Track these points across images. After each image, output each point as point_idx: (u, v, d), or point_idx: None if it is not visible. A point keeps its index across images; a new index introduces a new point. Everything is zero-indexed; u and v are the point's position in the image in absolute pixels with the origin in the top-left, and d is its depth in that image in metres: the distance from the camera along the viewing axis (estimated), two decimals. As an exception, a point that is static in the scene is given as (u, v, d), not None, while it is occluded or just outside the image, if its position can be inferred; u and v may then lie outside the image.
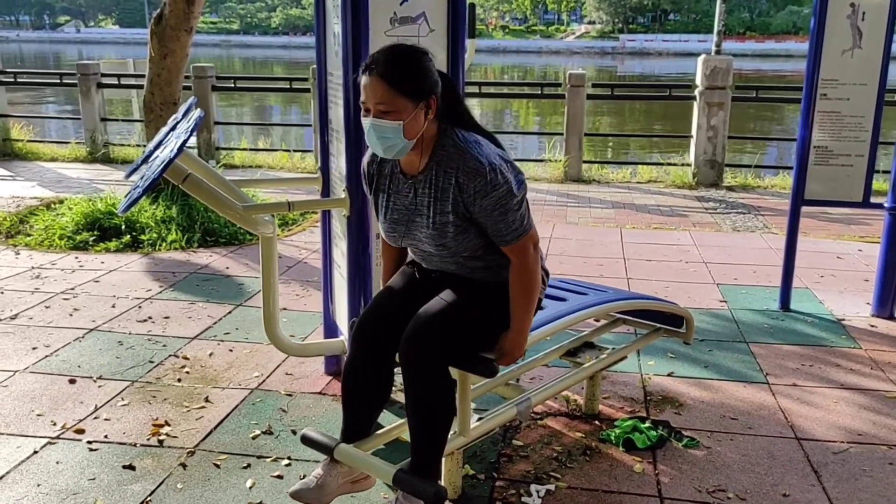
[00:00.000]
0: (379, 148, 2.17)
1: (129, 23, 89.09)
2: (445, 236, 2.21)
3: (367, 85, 2.12)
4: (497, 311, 2.29)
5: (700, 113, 8.42)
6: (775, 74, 37.41)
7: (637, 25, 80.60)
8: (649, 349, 3.75)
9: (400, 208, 2.30)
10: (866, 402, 3.29)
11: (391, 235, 2.37)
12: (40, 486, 2.61)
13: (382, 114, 2.10)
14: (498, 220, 2.15)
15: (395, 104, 2.08)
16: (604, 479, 2.68)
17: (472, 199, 2.14)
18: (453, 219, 2.19)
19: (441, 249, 2.26)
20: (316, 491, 2.27)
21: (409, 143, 2.14)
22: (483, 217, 2.16)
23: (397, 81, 2.08)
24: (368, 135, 2.16)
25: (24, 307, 4.36)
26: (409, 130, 2.12)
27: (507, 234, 2.17)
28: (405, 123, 2.10)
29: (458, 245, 2.23)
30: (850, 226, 6.55)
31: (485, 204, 2.13)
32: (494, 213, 2.14)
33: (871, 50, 4.11)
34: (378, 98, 2.09)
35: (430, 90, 2.13)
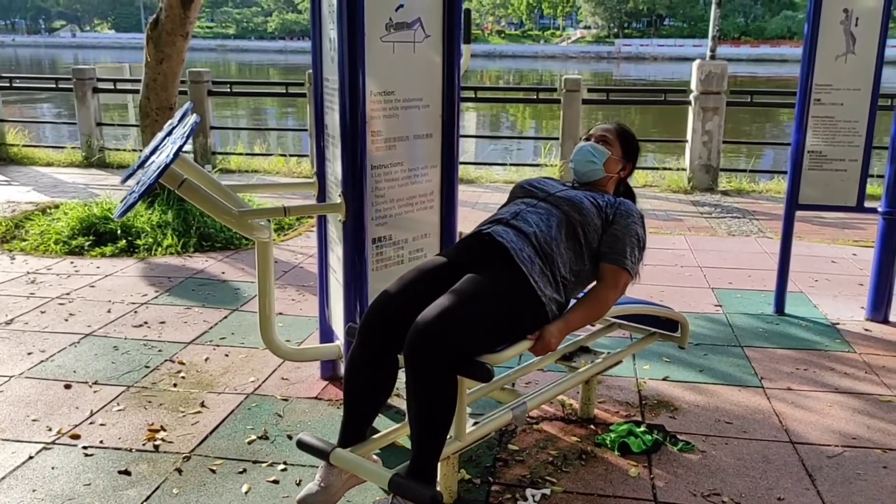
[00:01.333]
0: (582, 160, 2.76)
1: (125, 27, 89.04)
2: (585, 206, 2.55)
3: (600, 125, 2.87)
4: (507, 312, 2.29)
5: (695, 117, 8.45)
6: (770, 79, 37.52)
7: (632, 30, 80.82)
8: (644, 353, 3.76)
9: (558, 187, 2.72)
10: (861, 406, 3.31)
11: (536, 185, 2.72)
12: (35, 491, 2.61)
13: (601, 142, 2.79)
14: (619, 236, 2.56)
15: (613, 142, 2.80)
16: (599, 484, 2.68)
17: (619, 217, 2.59)
18: (598, 206, 2.59)
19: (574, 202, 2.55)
20: (322, 493, 2.28)
21: (601, 171, 2.76)
22: (614, 230, 2.57)
23: (622, 134, 2.83)
24: (580, 151, 2.78)
25: (20, 312, 4.36)
26: (609, 164, 2.77)
27: (616, 254, 2.54)
28: (610, 157, 2.77)
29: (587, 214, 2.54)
30: (845, 230, 6.58)
31: (623, 223, 2.58)
32: (621, 230, 2.56)
33: (865, 55, 4.13)
34: (604, 132, 2.82)
35: (633, 158, 2.86)
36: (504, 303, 2.30)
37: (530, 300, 2.37)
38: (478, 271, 2.35)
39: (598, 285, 2.55)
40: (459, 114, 3.16)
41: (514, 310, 2.33)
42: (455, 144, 3.12)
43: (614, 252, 2.54)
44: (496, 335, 2.30)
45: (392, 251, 3.07)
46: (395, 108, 2.94)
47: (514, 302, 2.33)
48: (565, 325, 2.43)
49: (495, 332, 2.29)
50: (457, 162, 3.19)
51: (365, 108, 2.83)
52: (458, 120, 3.12)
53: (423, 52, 2.95)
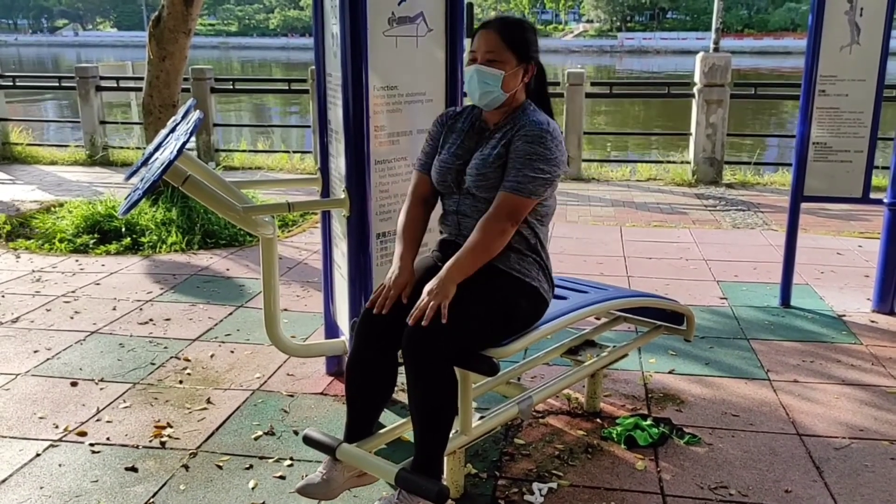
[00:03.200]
0: (476, 92, 2.36)
1: (127, 26, 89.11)
2: (488, 166, 2.34)
3: (481, 36, 2.37)
4: (502, 304, 2.29)
5: (699, 110, 8.43)
6: (774, 71, 37.40)
7: (635, 24, 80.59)
8: (650, 347, 3.75)
9: (466, 147, 2.45)
10: (867, 398, 3.30)
11: (444, 167, 2.45)
12: (43, 488, 2.62)
13: (489, 62, 2.34)
14: (517, 165, 2.28)
15: (503, 56, 2.34)
16: (606, 477, 2.68)
17: (518, 138, 2.31)
18: (499, 151, 2.34)
19: (479, 181, 2.34)
20: (322, 486, 2.28)
21: (502, 95, 2.36)
22: (512, 157, 2.30)
23: (509, 37, 2.35)
24: (470, 80, 2.36)
25: (26, 310, 4.37)
26: (506, 83, 2.34)
27: (510, 181, 2.28)
28: (506, 75, 2.33)
29: (495, 180, 2.32)
30: (850, 222, 6.55)
31: (521, 147, 2.29)
32: (520, 158, 2.29)
33: (870, 45, 4.11)
34: (489, 47, 2.35)
35: (531, 56, 2.40)
36: (498, 295, 2.30)
37: (523, 288, 2.37)
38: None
39: (484, 217, 2.30)
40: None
41: (508, 300, 2.32)
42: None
43: (509, 178, 2.29)
44: (496, 327, 2.30)
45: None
46: (399, 103, 2.93)
47: (508, 293, 2.32)
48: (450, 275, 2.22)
49: (494, 324, 2.29)
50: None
51: (368, 103, 2.82)
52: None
53: (425, 46, 2.94)
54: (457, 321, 2.18)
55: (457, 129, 2.51)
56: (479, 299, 2.24)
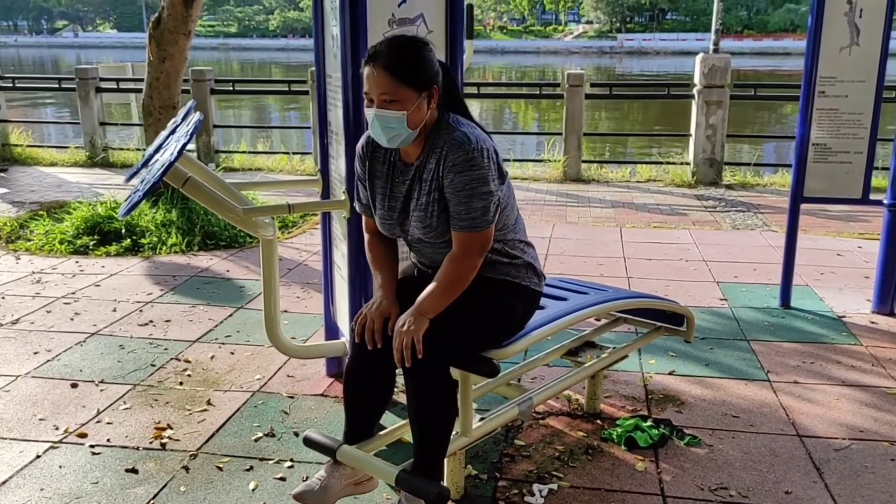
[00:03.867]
0: (383, 138, 2.18)
1: (127, 27, 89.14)
2: (431, 216, 2.21)
3: (370, 76, 2.14)
4: (495, 308, 2.29)
5: (699, 111, 8.43)
6: (773, 72, 37.41)
7: (635, 25, 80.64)
8: (650, 348, 3.75)
9: (397, 196, 2.31)
10: (867, 399, 3.30)
11: (386, 223, 2.36)
12: (43, 490, 2.62)
13: (386, 104, 2.12)
14: (462, 200, 2.14)
15: (399, 94, 2.12)
16: (606, 478, 2.68)
17: (448, 171, 2.14)
18: (437, 196, 2.19)
19: (428, 232, 2.24)
20: (319, 493, 2.27)
21: (412, 133, 2.17)
22: (450, 192, 2.15)
23: (400, 72, 2.11)
24: (372, 125, 2.17)
25: (26, 312, 4.37)
26: (412, 120, 2.15)
27: (463, 220, 2.15)
28: (409, 113, 2.13)
29: (443, 226, 2.22)
30: (850, 223, 6.56)
31: (456, 180, 2.13)
32: (461, 192, 2.13)
33: (869, 46, 4.11)
34: (382, 89, 2.12)
35: (431, 80, 2.17)
36: (492, 299, 2.29)
37: (513, 289, 2.36)
38: None
39: (450, 256, 2.21)
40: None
41: (502, 303, 2.32)
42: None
43: (460, 217, 2.16)
44: (492, 328, 2.30)
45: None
46: (399, 105, 2.93)
47: (500, 296, 2.32)
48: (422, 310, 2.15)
49: (490, 325, 2.29)
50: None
51: (368, 104, 2.82)
52: (461, 115, 3.11)
53: (425, 47, 2.94)
54: (453, 328, 2.18)
55: (379, 173, 2.35)
56: (473, 305, 2.24)
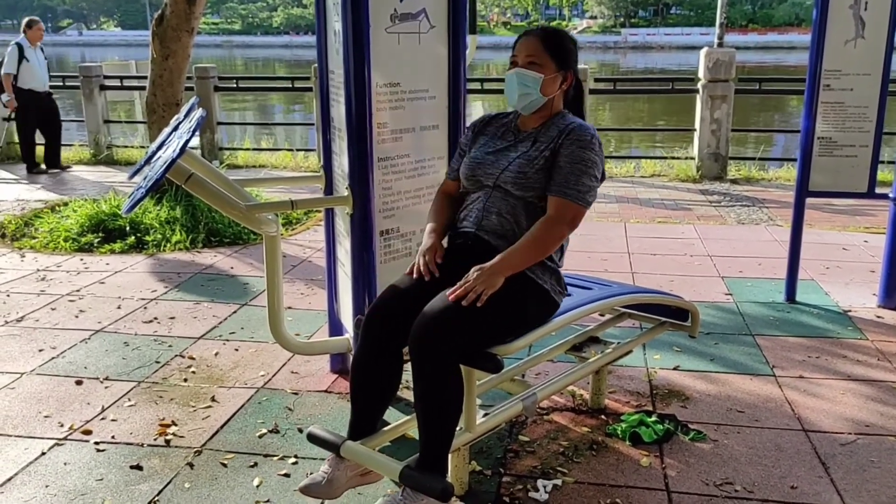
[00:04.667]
0: (515, 94, 2.41)
1: (131, 25, 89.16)
2: (532, 166, 2.37)
3: (522, 42, 2.44)
4: (511, 306, 2.29)
5: (703, 106, 8.40)
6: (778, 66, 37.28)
7: (639, 19, 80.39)
8: (655, 343, 3.74)
9: (500, 145, 2.50)
10: (873, 393, 3.28)
11: (477, 163, 2.48)
12: (48, 486, 2.62)
13: (529, 65, 2.40)
14: (574, 171, 2.32)
15: (543, 60, 2.40)
16: (611, 474, 2.67)
17: (570, 142, 2.34)
18: (548, 156, 2.37)
19: (519, 180, 2.36)
20: (326, 486, 2.28)
21: (540, 99, 2.41)
22: (566, 160, 2.33)
23: (550, 44, 2.42)
24: (509, 82, 2.42)
25: (30, 309, 4.38)
26: (545, 87, 2.40)
27: (570, 189, 2.32)
28: (545, 79, 2.39)
29: (535, 183, 2.36)
30: (856, 217, 6.53)
31: (576, 153, 2.33)
32: (577, 164, 2.33)
33: (875, 39, 4.09)
34: (529, 51, 2.41)
35: (570, 66, 2.46)
36: (507, 295, 2.29)
37: (532, 288, 2.36)
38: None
39: (544, 219, 2.33)
40: (466, 105, 3.15)
41: (517, 300, 2.32)
42: (462, 135, 3.11)
43: (558, 183, 2.33)
44: (503, 326, 2.29)
45: (400, 243, 3.07)
46: (401, 100, 2.93)
47: (517, 293, 2.32)
48: (501, 266, 2.24)
49: (501, 322, 2.28)
50: (464, 153, 3.17)
51: (371, 100, 2.82)
52: (464, 111, 3.11)
53: (428, 42, 2.93)
54: (466, 320, 2.18)
55: (488, 132, 2.57)
56: (490, 300, 2.24)
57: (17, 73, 8.63)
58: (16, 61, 8.59)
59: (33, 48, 8.73)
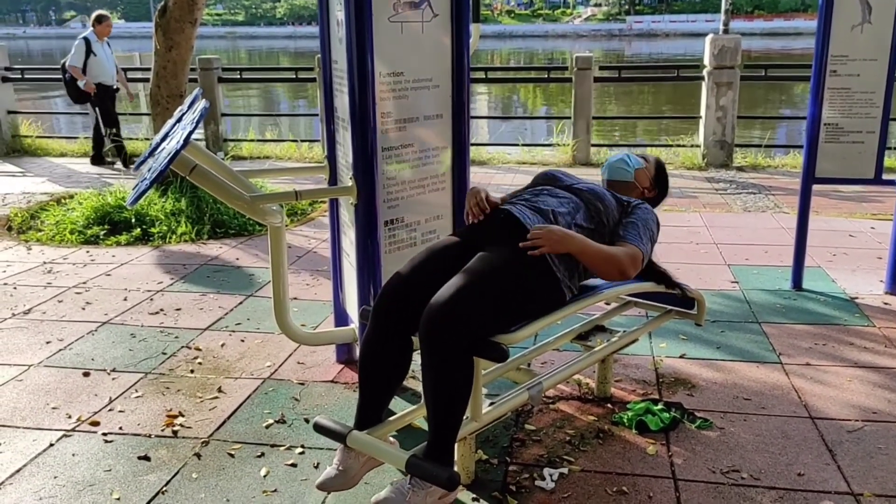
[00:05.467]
0: (615, 161, 2.94)
1: (134, 16, 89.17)
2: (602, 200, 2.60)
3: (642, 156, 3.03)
4: (519, 295, 2.28)
5: (709, 93, 8.36)
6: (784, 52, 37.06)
7: (644, 7, 79.96)
8: (661, 331, 3.74)
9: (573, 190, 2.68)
10: (880, 380, 3.27)
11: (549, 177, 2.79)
12: (57, 478, 2.64)
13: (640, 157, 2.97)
14: (639, 226, 2.60)
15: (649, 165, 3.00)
16: (617, 462, 2.67)
17: (635, 211, 2.66)
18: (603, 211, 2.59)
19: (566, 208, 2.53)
20: (340, 477, 2.29)
21: (630, 176, 2.91)
22: (633, 219, 2.62)
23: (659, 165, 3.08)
24: (618, 155, 2.96)
25: (37, 302, 4.39)
26: (638, 176, 2.94)
27: (632, 236, 2.56)
28: (643, 168, 2.96)
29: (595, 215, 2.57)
30: (863, 203, 6.50)
31: (641, 216, 2.64)
32: (640, 224, 2.61)
33: (881, 24, 4.05)
34: (644, 156, 3.02)
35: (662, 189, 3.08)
36: (518, 279, 2.29)
37: (545, 275, 2.36)
38: (490, 250, 2.34)
39: (624, 248, 2.51)
40: (470, 94, 3.14)
41: (528, 286, 2.31)
42: (466, 125, 3.10)
43: (630, 234, 2.56)
44: (512, 313, 2.29)
45: (405, 233, 3.06)
46: (405, 89, 2.91)
47: (529, 278, 2.31)
48: (574, 239, 2.39)
49: (510, 309, 2.28)
50: (468, 142, 3.17)
51: (374, 89, 2.81)
52: (468, 100, 3.10)
53: (431, 31, 2.92)
54: (476, 308, 2.17)
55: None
56: (500, 286, 2.24)
57: (85, 68, 8.53)
58: (83, 55, 8.50)
59: (101, 42, 8.63)
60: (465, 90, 3.06)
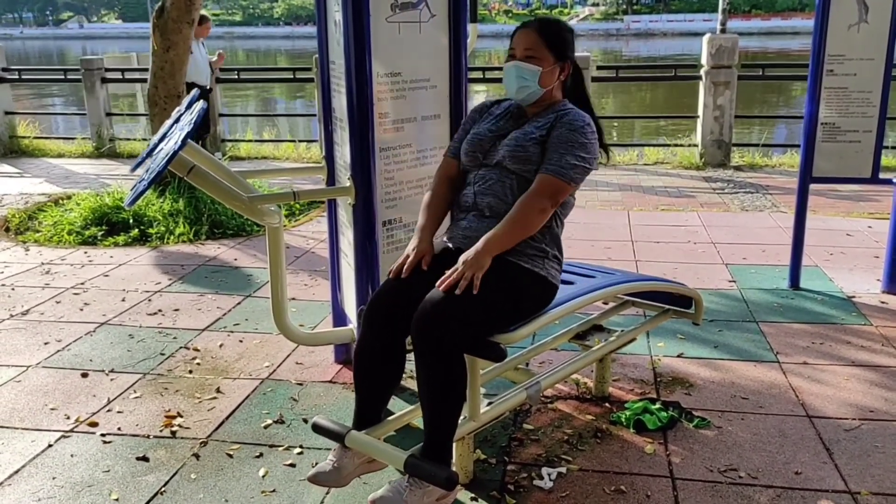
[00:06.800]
0: (514, 86, 2.46)
1: (132, 17, 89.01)
2: (528, 141, 2.39)
3: (520, 34, 2.47)
4: (511, 294, 2.29)
5: (706, 93, 8.37)
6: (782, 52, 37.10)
7: (641, 6, 79.94)
8: (658, 331, 3.74)
9: (502, 126, 2.52)
10: (877, 379, 3.28)
11: (477, 140, 2.50)
12: (55, 478, 2.64)
13: (527, 58, 2.43)
14: (560, 149, 2.35)
15: (540, 53, 2.43)
16: (615, 461, 2.68)
17: (560, 126, 2.39)
18: (543, 136, 2.40)
19: (517, 153, 2.38)
20: (333, 474, 2.29)
21: (538, 91, 2.45)
22: (554, 141, 2.37)
23: (547, 36, 2.45)
24: (508, 74, 2.46)
25: (35, 303, 4.39)
26: (543, 79, 2.44)
27: (552, 164, 2.34)
28: (543, 71, 2.43)
29: (530, 157, 2.37)
30: (860, 202, 6.51)
31: (564, 134, 2.37)
32: (564, 143, 2.36)
33: (878, 24, 4.06)
34: (527, 44, 2.44)
35: (567, 56, 2.49)
36: (507, 282, 2.29)
37: (530, 277, 2.36)
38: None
39: (525, 194, 2.34)
40: (467, 94, 3.14)
41: (517, 287, 2.32)
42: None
43: (551, 161, 2.35)
44: (504, 313, 2.30)
45: (402, 233, 3.07)
46: (403, 90, 2.92)
47: (516, 281, 2.32)
48: (487, 247, 2.26)
49: (502, 309, 2.28)
50: (466, 142, 3.16)
51: (372, 90, 2.81)
52: (466, 100, 3.10)
53: (429, 31, 2.92)
54: (466, 307, 2.18)
55: (493, 114, 2.59)
56: (488, 286, 2.24)
57: None
58: None
59: (197, 42, 8.34)
60: (463, 90, 3.06)
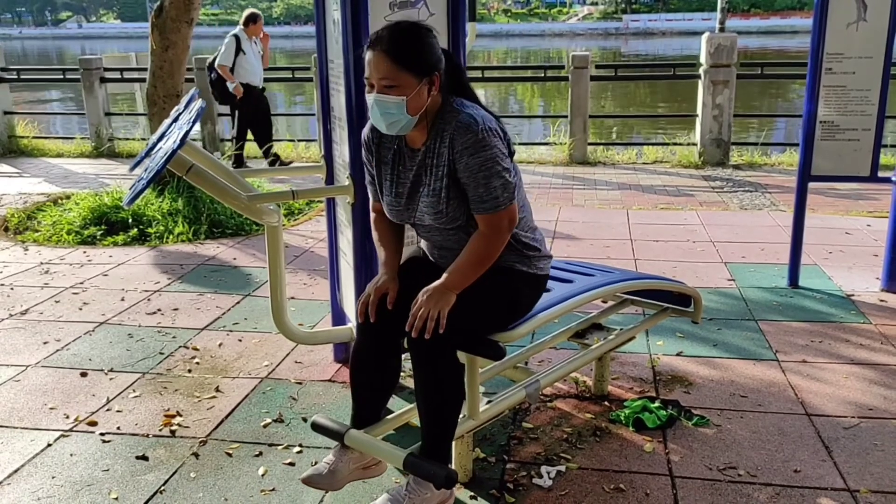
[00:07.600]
0: (382, 124, 2.16)
1: (130, 17, 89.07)
2: (442, 202, 2.19)
3: (370, 60, 2.12)
4: (502, 293, 2.29)
5: (705, 91, 8.37)
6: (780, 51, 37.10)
7: (640, 5, 79.98)
8: (658, 329, 3.75)
9: (405, 181, 2.29)
10: (876, 377, 3.29)
11: (394, 210, 2.33)
12: (55, 478, 2.64)
13: (386, 89, 2.10)
14: (480, 182, 2.12)
15: (399, 79, 2.09)
16: (614, 460, 2.68)
17: (460, 155, 2.12)
18: (447, 182, 2.17)
19: (440, 218, 2.22)
20: (328, 477, 2.29)
21: (412, 119, 2.15)
22: (467, 177, 2.13)
23: (401, 57, 2.09)
24: (372, 110, 2.16)
25: (34, 302, 4.39)
26: (411, 106, 2.12)
27: (486, 202, 2.13)
28: (408, 99, 2.11)
29: (455, 212, 2.19)
30: (859, 201, 6.51)
31: (471, 163, 2.11)
32: (478, 174, 2.11)
33: (877, 22, 4.06)
34: (382, 74, 2.10)
35: (433, 66, 2.14)
36: (499, 282, 2.29)
37: (519, 275, 2.34)
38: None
39: (479, 235, 2.18)
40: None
41: (509, 286, 2.31)
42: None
43: (482, 200, 2.13)
44: (499, 312, 2.30)
45: (402, 232, 3.06)
46: (401, 89, 2.91)
47: (507, 280, 2.31)
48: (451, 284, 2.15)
49: (497, 308, 2.28)
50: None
51: (371, 88, 2.81)
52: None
53: (427, 30, 2.92)
54: (460, 311, 2.17)
55: (386, 160, 2.33)
56: (480, 289, 2.23)
57: (234, 66, 8.18)
58: (232, 54, 8.16)
59: (250, 41, 8.29)
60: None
